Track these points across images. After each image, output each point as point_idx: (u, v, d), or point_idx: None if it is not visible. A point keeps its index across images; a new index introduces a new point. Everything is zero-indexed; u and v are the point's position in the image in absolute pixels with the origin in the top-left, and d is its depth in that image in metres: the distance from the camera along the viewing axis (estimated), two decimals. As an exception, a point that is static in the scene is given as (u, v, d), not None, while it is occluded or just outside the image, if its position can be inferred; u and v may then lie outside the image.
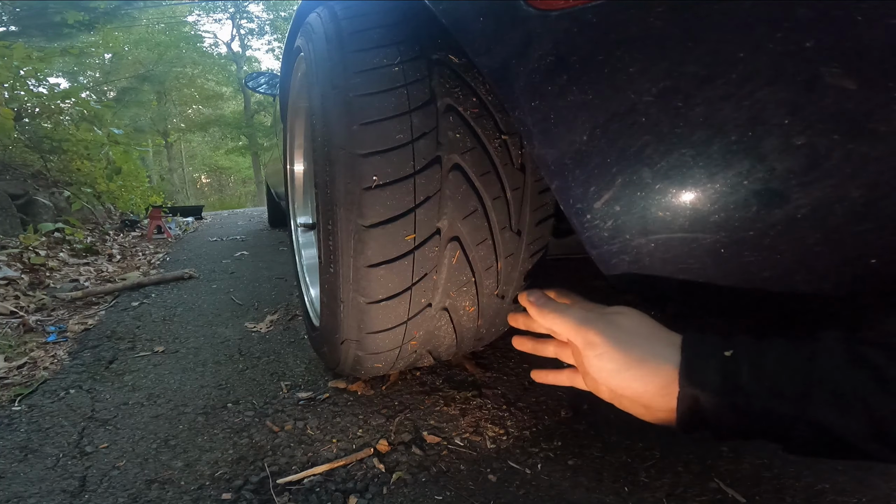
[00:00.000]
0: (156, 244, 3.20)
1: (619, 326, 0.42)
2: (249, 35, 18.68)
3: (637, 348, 0.39)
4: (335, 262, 0.63)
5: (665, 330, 0.41)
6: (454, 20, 0.46)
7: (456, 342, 0.73)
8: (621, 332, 0.41)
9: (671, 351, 0.38)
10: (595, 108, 0.37)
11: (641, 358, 0.39)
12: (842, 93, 0.29)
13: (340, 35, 0.60)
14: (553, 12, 0.38)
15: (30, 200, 2.89)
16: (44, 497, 0.64)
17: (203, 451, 0.74)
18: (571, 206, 0.41)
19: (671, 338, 0.40)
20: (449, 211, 0.58)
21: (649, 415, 0.40)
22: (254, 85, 2.57)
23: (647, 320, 0.42)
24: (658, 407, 0.38)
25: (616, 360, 0.40)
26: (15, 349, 1.19)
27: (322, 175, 0.63)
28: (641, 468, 0.67)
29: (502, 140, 0.58)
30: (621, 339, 0.40)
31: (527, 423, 0.78)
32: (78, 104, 3.46)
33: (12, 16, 5.21)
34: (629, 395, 0.40)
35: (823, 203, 0.32)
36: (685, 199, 0.36)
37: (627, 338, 0.40)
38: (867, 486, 0.62)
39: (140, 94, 10.56)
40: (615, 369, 0.40)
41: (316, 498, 0.62)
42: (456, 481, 0.65)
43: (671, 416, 0.37)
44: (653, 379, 0.38)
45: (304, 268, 1.14)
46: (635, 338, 0.40)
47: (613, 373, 0.40)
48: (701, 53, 0.33)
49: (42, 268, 2.06)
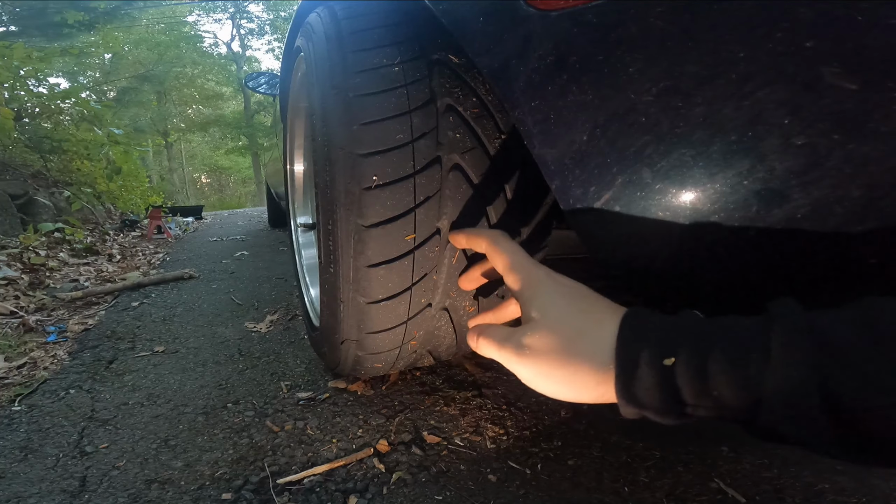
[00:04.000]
0: (156, 244, 3.20)
1: (532, 341, 0.36)
2: (249, 35, 18.69)
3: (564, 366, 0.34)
4: (335, 262, 0.63)
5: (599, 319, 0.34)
6: (454, 20, 0.46)
7: (456, 342, 0.73)
8: (535, 349, 0.35)
9: (607, 354, 0.32)
10: (595, 108, 0.37)
11: (569, 376, 0.33)
12: (842, 93, 0.29)
13: (340, 35, 0.60)
14: (553, 12, 0.38)
15: (30, 200, 2.89)
16: (44, 497, 0.64)
17: (203, 451, 0.74)
18: (571, 206, 0.41)
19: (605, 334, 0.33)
20: (449, 211, 0.58)
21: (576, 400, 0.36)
22: (254, 85, 2.57)
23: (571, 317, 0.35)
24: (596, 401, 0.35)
25: (542, 380, 0.35)
26: (15, 349, 1.19)
27: (322, 175, 0.63)
28: (641, 468, 0.67)
29: (502, 140, 0.58)
30: (535, 358, 0.35)
31: (527, 423, 0.78)
32: (78, 104, 3.46)
33: (12, 16, 5.21)
34: (565, 399, 0.36)
35: (823, 203, 0.32)
36: (685, 198, 0.36)
37: (543, 352, 0.35)
38: (867, 486, 0.62)
39: (140, 94, 10.57)
40: (546, 387, 0.36)
41: (316, 498, 0.62)
42: (456, 481, 0.65)
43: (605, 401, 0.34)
44: (589, 392, 0.33)
45: (304, 268, 1.14)
46: (554, 351, 0.34)
47: (544, 388, 0.36)
48: (701, 53, 0.33)
49: (42, 268, 2.06)
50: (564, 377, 0.34)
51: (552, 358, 0.34)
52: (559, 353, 0.34)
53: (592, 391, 0.33)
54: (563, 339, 0.34)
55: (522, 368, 0.36)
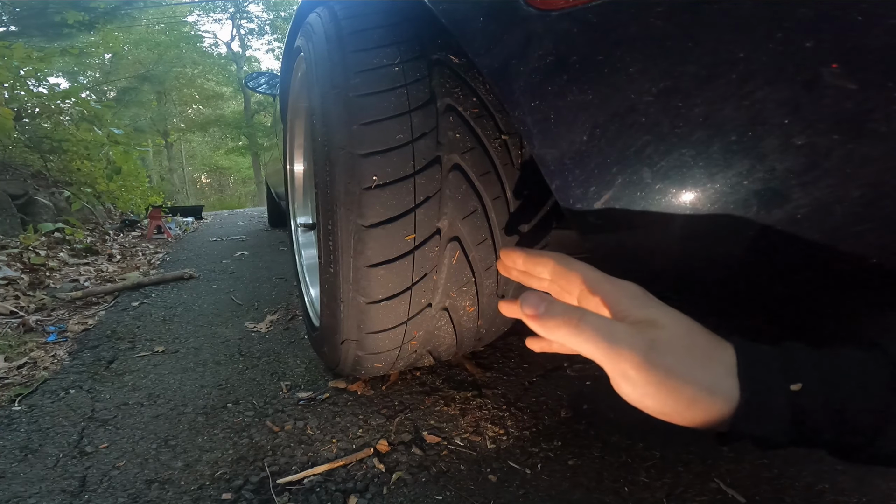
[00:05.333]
0: (156, 244, 3.20)
1: (660, 351, 0.31)
2: (249, 35, 18.68)
3: (688, 386, 0.30)
4: (335, 262, 0.63)
5: (713, 342, 0.32)
6: (454, 20, 0.46)
7: (456, 342, 0.73)
8: (665, 360, 0.31)
9: (727, 383, 0.30)
10: (595, 108, 0.37)
11: (693, 398, 0.30)
12: (842, 93, 0.29)
13: (340, 35, 0.60)
14: (553, 12, 0.38)
15: (30, 200, 2.89)
16: (44, 497, 0.64)
17: (203, 451, 0.74)
18: (571, 206, 0.41)
19: (724, 358, 0.31)
20: (449, 211, 0.58)
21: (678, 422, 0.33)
22: (254, 85, 2.57)
23: (692, 332, 0.33)
24: (702, 430, 0.32)
25: (663, 401, 0.31)
26: (15, 349, 1.19)
27: (322, 175, 0.63)
28: (641, 468, 0.67)
29: (502, 140, 0.58)
30: (668, 373, 0.31)
31: (527, 423, 0.78)
32: (78, 104, 3.46)
33: (12, 16, 5.21)
34: (667, 419, 0.32)
35: (823, 203, 0.32)
36: (685, 198, 0.36)
37: (675, 368, 0.31)
38: (867, 486, 0.62)
39: (140, 94, 10.57)
40: (660, 410, 0.32)
41: (316, 498, 0.62)
42: (456, 481, 0.65)
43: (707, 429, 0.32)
44: (705, 417, 0.31)
45: (304, 268, 1.14)
46: (682, 366, 0.31)
47: (658, 412, 0.32)
48: (701, 53, 0.33)
49: (42, 268, 2.06)
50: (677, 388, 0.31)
51: (679, 370, 0.31)
52: (684, 360, 0.31)
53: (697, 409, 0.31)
54: (691, 348, 0.32)
55: (637, 371, 0.31)
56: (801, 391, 0.29)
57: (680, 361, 0.31)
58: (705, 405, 0.30)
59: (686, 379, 0.30)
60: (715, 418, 0.30)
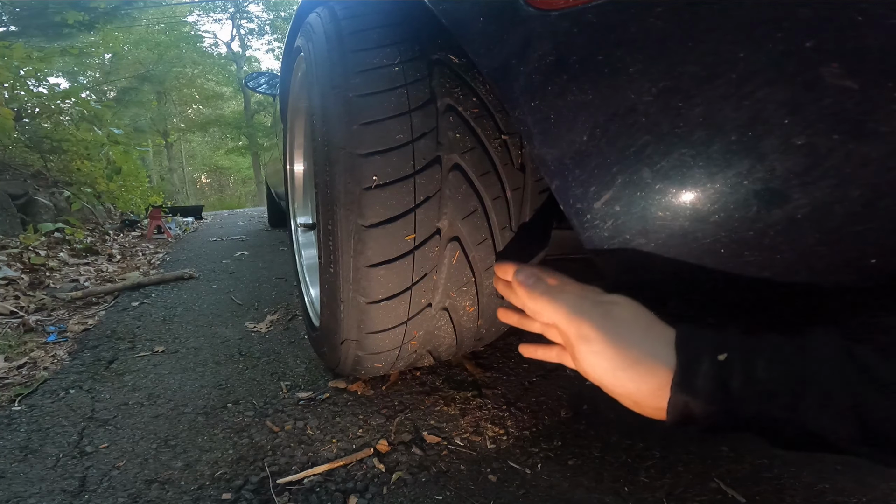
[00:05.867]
0: (156, 244, 3.20)
1: (615, 319, 0.40)
2: (249, 35, 18.67)
3: (633, 348, 0.38)
4: (335, 262, 0.63)
5: (660, 324, 0.40)
6: (454, 20, 0.46)
7: (456, 342, 0.73)
8: (618, 327, 0.39)
9: (666, 351, 0.37)
10: (595, 108, 0.37)
11: (637, 359, 0.37)
12: (842, 93, 0.29)
13: (340, 35, 0.60)
14: (553, 12, 0.38)
15: (30, 200, 2.89)
16: (44, 497, 0.64)
17: (203, 451, 0.74)
18: (571, 206, 0.41)
19: (666, 334, 0.39)
20: (449, 211, 0.58)
21: (638, 409, 0.40)
22: (254, 85, 2.57)
23: (643, 313, 0.41)
24: (649, 405, 0.38)
25: (611, 358, 0.39)
26: (15, 349, 1.19)
27: (322, 175, 0.63)
28: (641, 468, 0.67)
29: (502, 140, 0.58)
30: (617, 336, 0.39)
31: (527, 423, 0.78)
32: (78, 104, 3.46)
33: (12, 16, 5.22)
34: (620, 392, 0.39)
35: (823, 203, 0.32)
36: (685, 199, 0.36)
37: (624, 334, 0.39)
38: (867, 486, 0.62)
39: (140, 94, 10.58)
40: (609, 368, 0.39)
41: (316, 498, 0.62)
42: (456, 481, 0.65)
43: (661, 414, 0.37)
44: (646, 381, 0.37)
45: (304, 268, 1.14)
46: (631, 334, 0.39)
47: (607, 371, 0.39)
48: (701, 53, 0.33)
49: (42, 268, 2.06)
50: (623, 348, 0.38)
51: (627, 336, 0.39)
52: (633, 328, 0.39)
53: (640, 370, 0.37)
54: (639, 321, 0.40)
55: (592, 331, 0.40)
56: (726, 360, 0.34)
57: (629, 329, 0.39)
58: (646, 367, 0.37)
59: (631, 341, 0.38)
60: (655, 385, 0.36)
